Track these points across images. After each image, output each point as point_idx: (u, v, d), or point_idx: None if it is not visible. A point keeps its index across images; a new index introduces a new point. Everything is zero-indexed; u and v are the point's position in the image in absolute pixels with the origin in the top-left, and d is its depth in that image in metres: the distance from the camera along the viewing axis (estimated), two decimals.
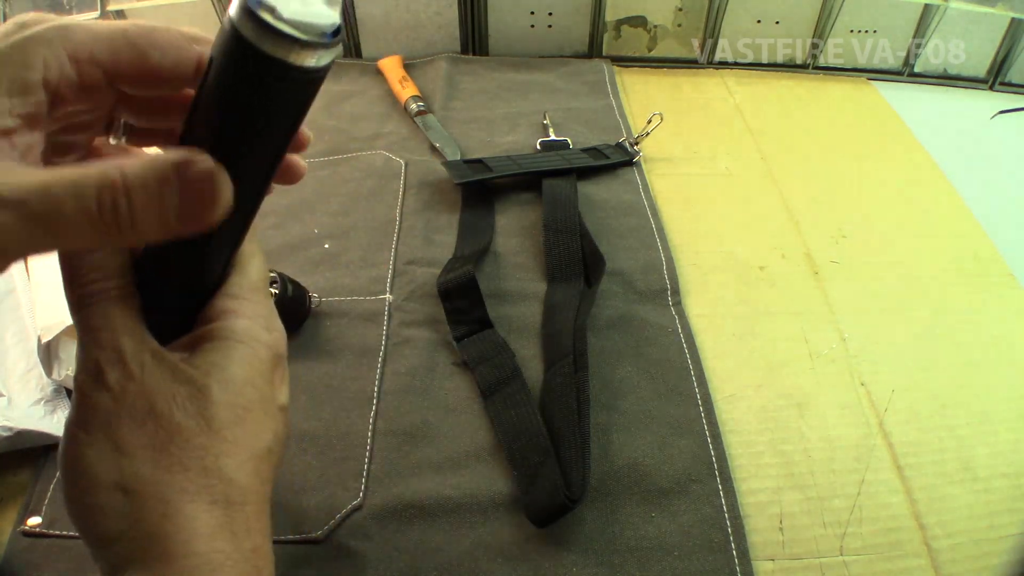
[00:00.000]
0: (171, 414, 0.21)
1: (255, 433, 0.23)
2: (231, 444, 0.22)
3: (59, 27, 0.20)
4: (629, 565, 0.36)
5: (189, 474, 0.21)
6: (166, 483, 0.20)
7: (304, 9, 0.18)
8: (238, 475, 0.22)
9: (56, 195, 0.18)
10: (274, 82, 0.19)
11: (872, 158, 0.66)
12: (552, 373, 0.44)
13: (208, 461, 0.21)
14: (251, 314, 0.24)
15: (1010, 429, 0.43)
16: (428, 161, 0.62)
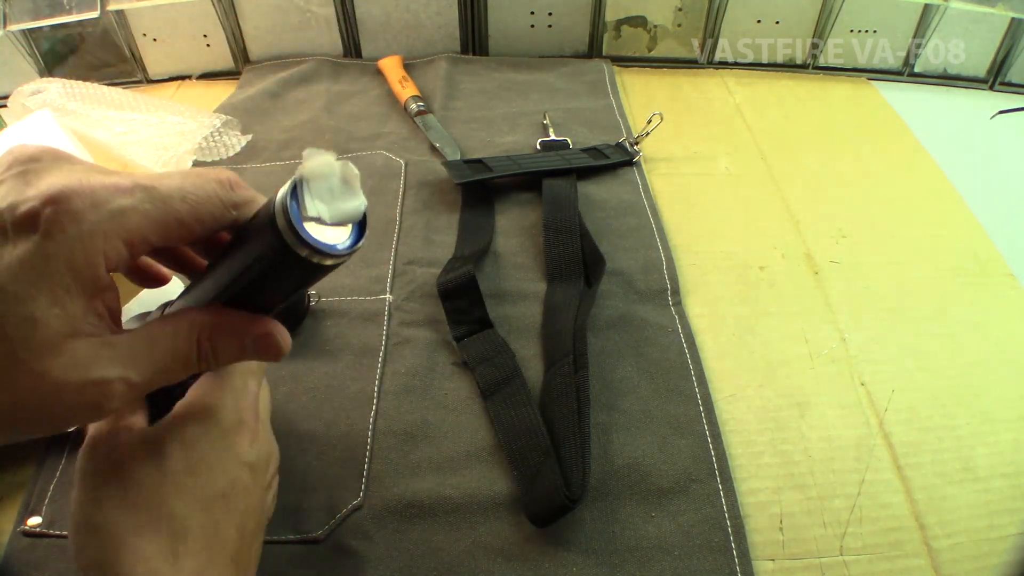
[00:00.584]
0: (133, 468, 0.26)
1: (207, 481, 0.28)
2: (180, 488, 0.27)
3: (114, 214, 0.22)
4: (629, 565, 0.36)
5: (141, 514, 0.26)
6: (123, 523, 0.25)
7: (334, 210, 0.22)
8: (185, 512, 0.26)
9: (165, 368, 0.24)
10: (297, 268, 0.23)
11: (872, 158, 0.66)
12: (552, 373, 0.44)
13: (158, 503, 0.26)
14: (218, 388, 0.30)
15: (1010, 429, 0.43)
16: (428, 161, 0.62)
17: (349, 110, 0.70)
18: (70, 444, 0.40)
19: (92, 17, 0.71)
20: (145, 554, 0.25)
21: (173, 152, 0.61)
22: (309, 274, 0.24)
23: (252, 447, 0.30)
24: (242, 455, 0.30)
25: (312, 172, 0.22)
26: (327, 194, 0.22)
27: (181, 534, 0.26)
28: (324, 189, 0.22)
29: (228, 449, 0.29)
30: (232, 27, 0.75)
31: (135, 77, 0.76)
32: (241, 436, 0.30)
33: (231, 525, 0.28)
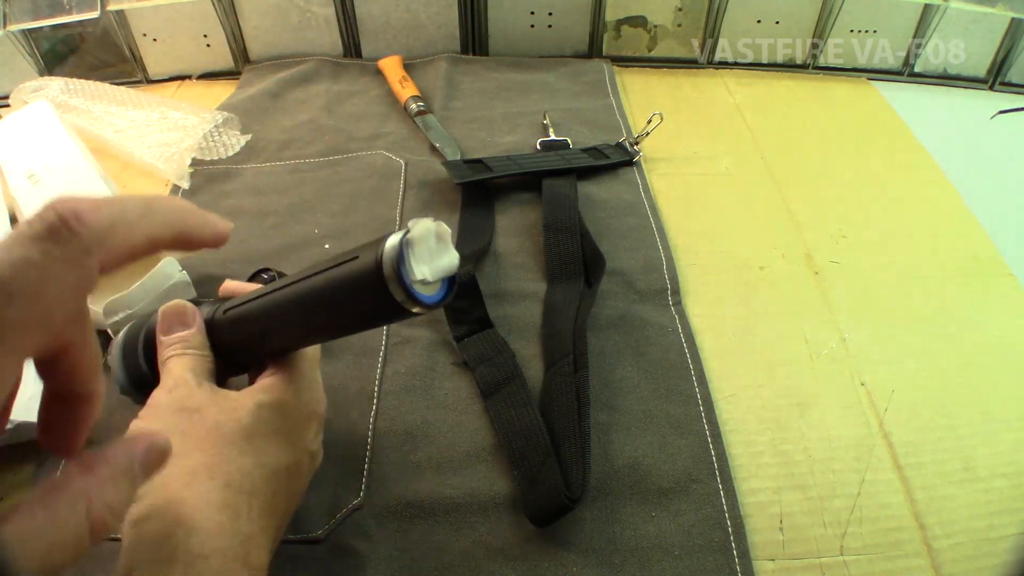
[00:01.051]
0: (213, 414, 0.27)
1: (279, 451, 0.28)
2: (255, 449, 0.27)
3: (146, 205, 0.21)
4: (629, 565, 0.36)
5: (216, 458, 0.26)
6: (195, 460, 0.26)
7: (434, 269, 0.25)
8: (254, 473, 0.27)
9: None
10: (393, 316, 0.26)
11: (872, 158, 0.66)
12: (552, 373, 0.44)
13: (234, 454, 0.26)
14: (301, 377, 0.31)
15: (1010, 429, 0.43)
16: (428, 161, 0.62)
17: (349, 110, 0.70)
18: None
19: (92, 17, 0.71)
20: (215, 500, 0.25)
21: (175, 148, 0.61)
22: (393, 318, 0.27)
23: (316, 438, 0.32)
24: (308, 442, 0.31)
25: (417, 236, 0.25)
26: (427, 254, 0.25)
27: (249, 493, 0.26)
28: (424, 250, 0.25)
29: (300, 431, 0.30)
30: (232, 27, 0.75)
31: (135, 77, 0.76)
32: (312, 424, 0.31)
33: (283, 502, 0.29)
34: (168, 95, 0.73)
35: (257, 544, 0.26)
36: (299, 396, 0.30)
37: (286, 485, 0.29)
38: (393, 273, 0.24)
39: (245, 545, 0.25)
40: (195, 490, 0.25)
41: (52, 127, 0.58)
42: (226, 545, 0.25)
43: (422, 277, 0.24)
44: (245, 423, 0.28)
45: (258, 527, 0.26)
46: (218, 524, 0.25)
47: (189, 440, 0.26)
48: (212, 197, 0.59)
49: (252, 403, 0.29)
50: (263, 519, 0.27)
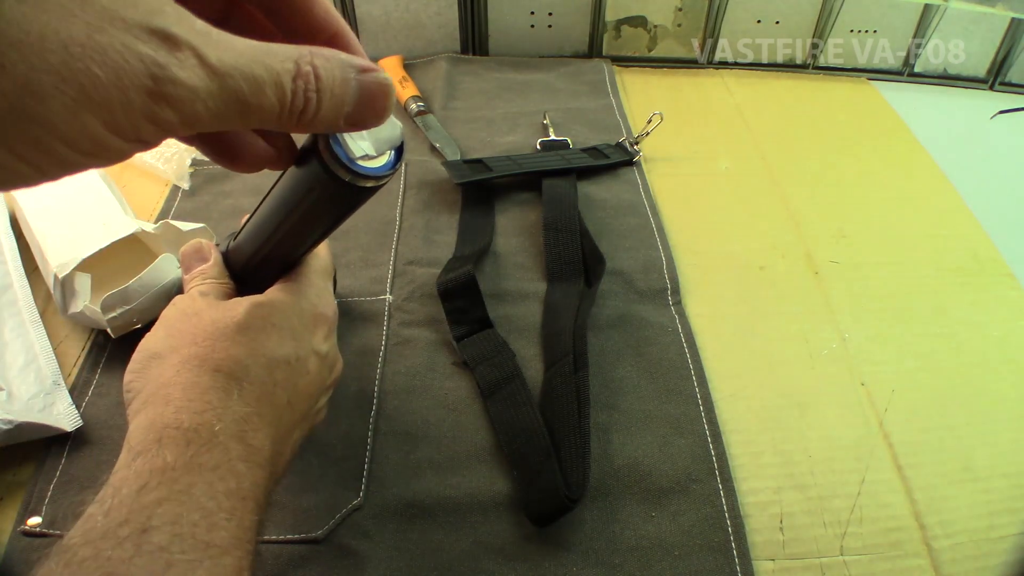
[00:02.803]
0: (209, 314, 0.29)
1: (275, 343, 0.29)
2: (249, 340, 0.28)
3: None
4: (629, 565, 0.36)
5: (206, 349, 0.27)
6: (187, 352, 0.27)
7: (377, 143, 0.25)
8: (247, 361, 0.27)
9: (258, 77, 0.19)
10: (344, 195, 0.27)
11: (872, 158, 0.66)
12: (552, 373, 0.44)
13: (225, 344, 0.27)
14: (306, 283, 0.32)
15: (1010, 429, 0.43)
16: (428, 161, 0.62)
17: None
18: (70, 444, 0.40)
19: None
20: (203, 382, 0.26)
21: (175, 149, 0.61)
22: (355, 199, 0.27)
23: (326, 341, 0.32)
24: (315, 342, 0.31)
25: None
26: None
27: (239, 378, 0.27)
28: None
29: (303, 328, 0.31)
30: None
31: None
32: (319, 326, 0.32)
33: (285, 393, 0.29)
34: None
35: (253, 426, 0.27)
36: (301, 298, 0.31)
37: (287, 376, 0.29)
38: (331, 157, 0.24)
39: (239, 424, 0.26)
40: (184, 376, 0.26)
41: None
42: (215, 420, 0.25)
43: (363, 153, 0.25)
44: (239, 319, 0.28)
45: (253, 409, 0.27)
46: (206, 403, 0.26)
47: (185, 336, 0.28)
48: (212, 197, 0.59)
49: (248, 303, 0.30)
50: (259, 403, 0.27)
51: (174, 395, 0.26)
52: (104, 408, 0.42)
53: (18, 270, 0.48)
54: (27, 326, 0.45)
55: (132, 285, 0.42)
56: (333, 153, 0.24)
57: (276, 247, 0.31)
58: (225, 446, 0.25)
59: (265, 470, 0.27)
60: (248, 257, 0.33)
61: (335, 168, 0.25)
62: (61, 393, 0.42)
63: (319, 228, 0.30)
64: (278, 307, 0.30)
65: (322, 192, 0.26)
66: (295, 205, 0.28)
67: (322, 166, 0.25)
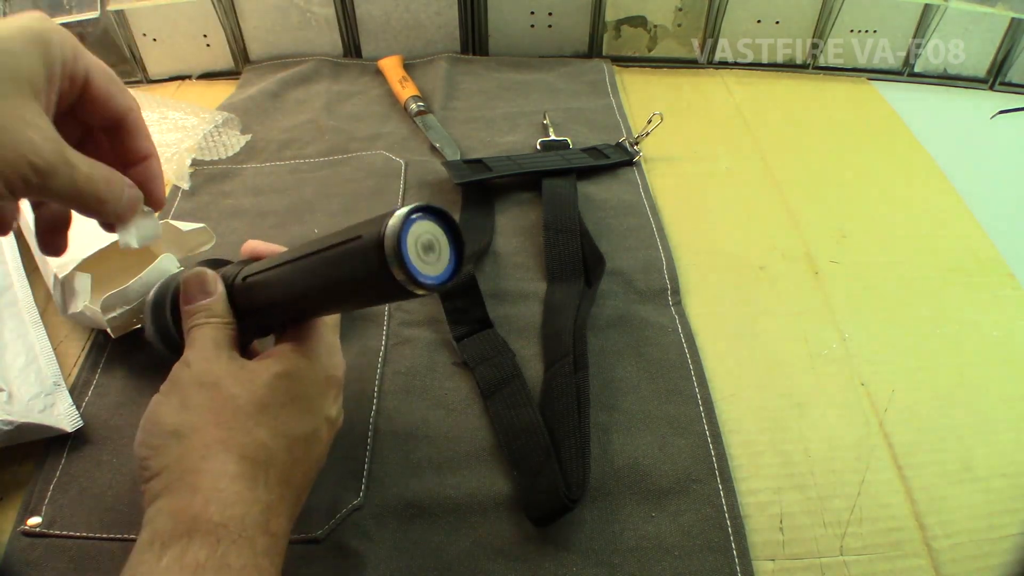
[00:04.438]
0: (229, 387, 0.28)
1: (296, 420, 0.29)
2: (271, 419, 0.28)
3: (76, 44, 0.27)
4: (629, 565, 0.36)
5: (231, 432, 0.27)
6: (210, 434, 0.26)
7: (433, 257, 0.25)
8: (270, 443, 0.27)
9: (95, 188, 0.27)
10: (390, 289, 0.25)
11: (872, 158, 0.66)
12: (552, 373, 0.44)
13: (248, 426, 0.27)
14: (319, 341, 0.31)
15: (1010, 429, 0.43)
16: (428, 161, 0.62)
17: (349, 110, 0.70)
18: (70, 444, 0.40)
19: (92, 17, 0.71)
20: (230, 471, 0.26)
21: (175, 149, 0.61)
22: (403, 296, 0.26)
23: (335, 404, 0.32)
24: (327, 408, 0.31)
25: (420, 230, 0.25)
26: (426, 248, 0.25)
27: (265, 464, 0.27)
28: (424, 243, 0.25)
29: (319, 397, 0.30)
30: (232, 27, 0.75)
31: (135, 77, 0.76)
32: (330, 390, 0.32)
33: (301, 469, 0.29)
34: (168, 95, 0.73)
35: (276, 512, 0.27)
36: (316, 362, 0.31)
37: (304, 452, 0.29)
38: (394, 254, 0.24)
39: (264, 513, 0.26)
40: (211, 463, 0.26)
41: None
42: (243, 513, 0.25)
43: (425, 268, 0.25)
44: (260, 394, 0.28)
45: (276, 495, 0.27)
46: (235, 493, 0.25)
47: (206, 415, 0.27)
48: (212, 197, 0.59)
49: (268, 374, 0.29)
50: (281, 487, 0.27)
51: (202, 484, 0.25)
52: (104, 408, 0.42)
53: (18, 270, 0.48)
54: (27, 327, 0.45)
55: (132, 285, 0.42)
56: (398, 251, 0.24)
57: (297, 307, 0.31)
58: (252, 540, 0.25)
59: (283, 555, 0.27)
60: (263, 304, 0.32)
61: (393, 267, 0.24)
62: (61, 394, 0.42)
63: (349, 307, 0.30)
64: (296, 377, 0.30)
65: (375, 288, 0.26)
66: (334, 284, 0.27)
67: (384, 270, 0.24)
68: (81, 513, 0.37)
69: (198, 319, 0.31)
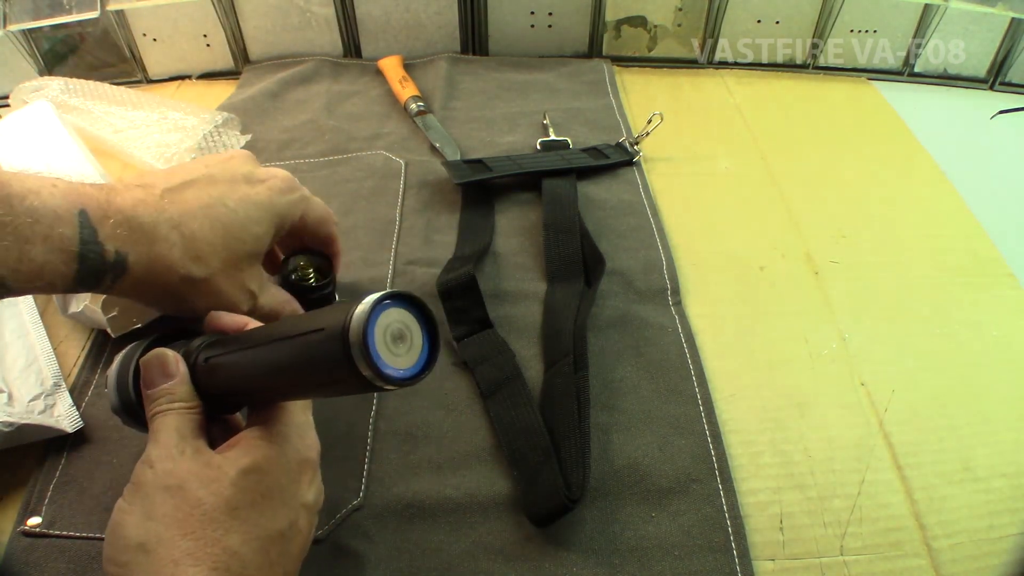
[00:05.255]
0: (195, 490, 0.26)
1: (268, 518, 0.27)
2: (241, 522, 0.26)
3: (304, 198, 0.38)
4: (629, 565, 0.36)
5: (200, 542, 0.25)
6: (178, 546, 0.25)
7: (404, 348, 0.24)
8: (243, 549, 0.26)
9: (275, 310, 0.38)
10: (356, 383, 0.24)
11: (872, 158, 0.66)
12: (552, 373, 0.44)
13: (218, 534, 0.25)
14: (288, 423, 0.30)
15: (1010, 429, 0.43)
16: (428, 161, 0.62)
17: (349, 110, 0.70)
18: (70, 444, 0.40)
19: (92, 17, 0.71)
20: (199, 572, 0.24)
21: (175, 149, 0.61)
22: (371, 390, 0.24)
23: (311, 487, 0.30)
24: (302, 495, 0.29)
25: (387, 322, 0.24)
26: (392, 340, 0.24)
27: (237, 573, 0.25)
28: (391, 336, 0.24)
29: (291, 486, 0.29)
30: (232, 27, 0.75)
31: (135, 77, 0.76)
32: (304, 475, 0.30)
33: (280, 568, 0.27)
34: (168, 95, 0.73)
35: None
36: (287, 448, 0.29)
37: (282, 550, 0.28)
38: (360, 348, 0.22)
39: None
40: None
41: (52, 127, 0.58)
42: None
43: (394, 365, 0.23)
44: (227, 496, 0.26)
45: None
46: None
47: (172, 525, 0.25)
48: None
49: (234, 471, 0.27)
50: None
51: None
52: (104, 408, 0.42)
53: None
54: (27, 327, 0.45)
55: None
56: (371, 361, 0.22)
57: (263, 394, 0.29)
58: None
59: None
60: (226, 387, 0.30)
61: (371, 377, 0.23)
62: (62, 394, 0.42)
63: (316, 393, 0.28)
64: (265, 470, 0.28)
65: (342, 382, 0.24)
66: (298, 375, 0.26)
67: (349, 365, 0.23)
68: (81, 513, 0.37)
69: (160, 405, 0.29)
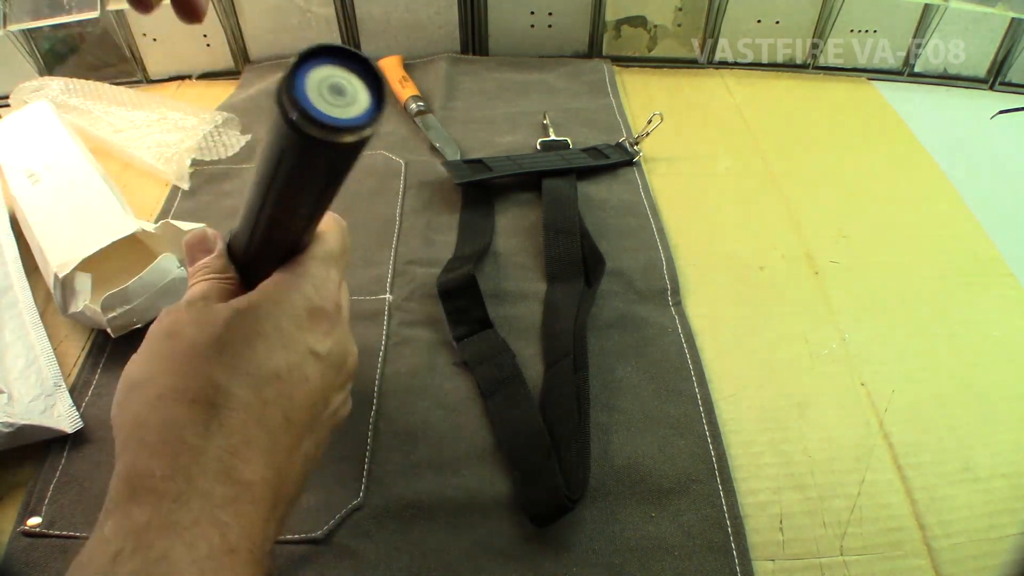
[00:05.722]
0: (189, 332, 0.26)
1: (263, 357, 0.26)
2: (231, 358, 0.25)
3: None
4: (629, 565, 0.36)
5: (185, 378, 0.25)
6: (163, 383, 0.25)
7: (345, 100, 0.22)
8: (229, 384, 0.25)
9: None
10: (318, 155, 0.23)
11: (872, 158, 0.66)
12: (552, 373, 0.44)
13: (205, 369, 0.25)
14: (302, 274, 0.29)
15: (1010, 429, 0.43)
16: (428, 161, 0.62)
17: None
18: (70, 444, 0.40)
19: (92, 17, 0.71)
20: (180, 419, 0.24)
21: (175, 149, 0.61)
22: (336, 160, 0.23)
23: (327, 338, 0.29)
24: (312, 343, 0.28)
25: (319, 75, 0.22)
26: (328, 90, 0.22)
27: (218, 407, 0.24)
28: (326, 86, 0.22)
29: (297, 332, 0.27)
30: (232, 27, 0.75)
31: (135, 77, 0.76)
32: (316, 323, 0.28)
33: (279, 411, 0.26)
34: (168, 95, 0.73)
35: (243, 458, 0.24)
36: (294, 295, 0.28)
37: (280, 391, 0.26)
38: (291, 102, 0.21)
39: (223, 460, 0.23)
40: (160, 413, 0.24)
41: (52, 127, 0.58)
42: (191, 463, 0.23)
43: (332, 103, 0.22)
44: (218, 334, 0.26)
45: (240, 439, 0.24)
46: (181, 443, 0.23)
47: (164, 362, 0.26)
48: (212, 197, 0.59)
49: (229, 312, 0.27)
50: (247, 431, 0.25)
51: (148, 437, 0.23)
52: (104, 408, 0.42)
53: (18, 271, 0.48)
54: (28, 328, 0.45)
55: (132, 285, 0.42)
56: (298, 105, 0.21)
57: (267, 229, 0.28)
58: (206, 493, 0.23)
59: (261, 505, 0.24)
60: (245, 244, 0.29)
61: (304, 126, 0.21)
62: (62, 395, 0.42)
63: (304, 200, 0.26)
64: (263, 312, 0.27)
65: (296, 157, 0.23)
66: (272, 175, 0.24)
67: (288, 123, 0.21)
68: (81, 513, 0.37)
69: (198, 276, 0.30)
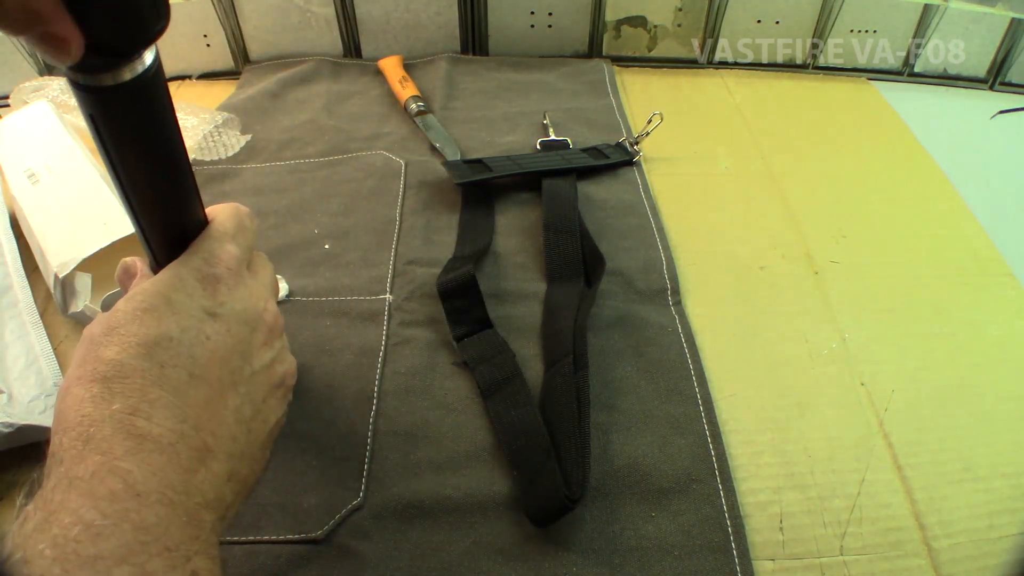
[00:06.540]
0: (90, 331, 0.28)
1: (150, 327, 0.28)
2: (120, 336, 0.27)
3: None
4: (629, 565, 0.36)
5: (83, 365, 0.27)
6: (70, 377, 0.27)
7: None
8: (119, 356, 0.27)
9: None
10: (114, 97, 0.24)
11: (872, 158, 0.66)
12: (552, 373, 0.44)
13: (97, 352, 0.27)
14: (191, 251, 0.31)
15: (1010, 429, 0.43)
16: (428, 161, 0.62)
17: (349, 110, 0.70)
18: None
19: None
20: (80, 398, 0.26)
21: None
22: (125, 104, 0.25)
23: (225, 299, 0.30)
24: (207, 304, 0.30)
25: None
26: None
27: (116, 377, 0.26)
28: None
29: (187, 299, 0.29)
30: (232, 27, 0.75)
31: None
32: (210, 288, 0.30)
33: (180, 370, 0.28)
34: None
35: (144, 415, 0.26)
36: (182, 268, 0.30)
37: (175, 353, 0.28)
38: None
39: (122, 421, 0.25)
40: (66, 402, 0.26)
41: (52, 127, 0.58)
42: (88, 429, 0.25)
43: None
44: (111, 322, 0.28)
45: (139, 398, 0.26)
46: (82, 416, 0.25)
47: (73, 364, 0.28)
48: (212, 197, 0.59)
49: (123, 303, 0.28)
50: (146, 392, 0.26)
51: (60, 424, 0.26)
52: None
53: (18, 271, 0.48)
54: (28, 328, 0.45)
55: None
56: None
57: (141, 215, 0.29)
58: (104, 449, 0.24)
59: (174, 454, 0.26)
60: (146, 250, 0.31)
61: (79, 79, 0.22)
62: None
63: (141, 160, 0.27)
64: (149, 290, 0.29)
65: (99, 115, 0.24)
66: (104, 150, 0.26)
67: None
68: None
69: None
